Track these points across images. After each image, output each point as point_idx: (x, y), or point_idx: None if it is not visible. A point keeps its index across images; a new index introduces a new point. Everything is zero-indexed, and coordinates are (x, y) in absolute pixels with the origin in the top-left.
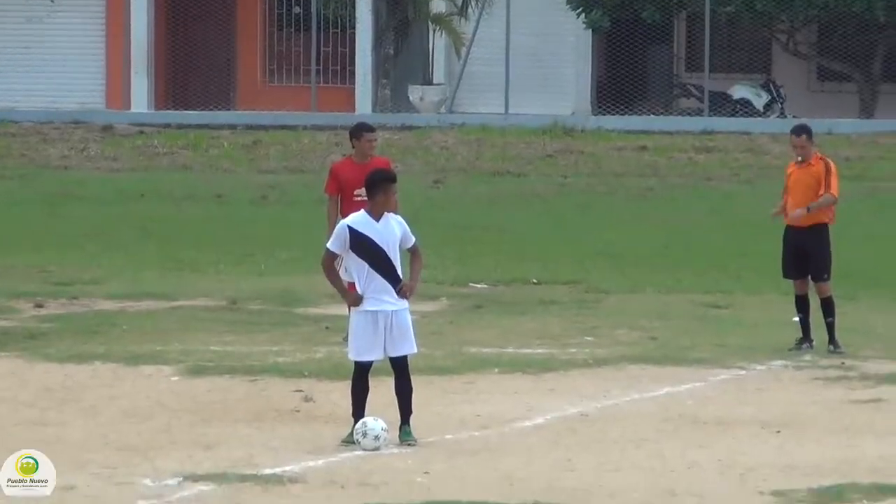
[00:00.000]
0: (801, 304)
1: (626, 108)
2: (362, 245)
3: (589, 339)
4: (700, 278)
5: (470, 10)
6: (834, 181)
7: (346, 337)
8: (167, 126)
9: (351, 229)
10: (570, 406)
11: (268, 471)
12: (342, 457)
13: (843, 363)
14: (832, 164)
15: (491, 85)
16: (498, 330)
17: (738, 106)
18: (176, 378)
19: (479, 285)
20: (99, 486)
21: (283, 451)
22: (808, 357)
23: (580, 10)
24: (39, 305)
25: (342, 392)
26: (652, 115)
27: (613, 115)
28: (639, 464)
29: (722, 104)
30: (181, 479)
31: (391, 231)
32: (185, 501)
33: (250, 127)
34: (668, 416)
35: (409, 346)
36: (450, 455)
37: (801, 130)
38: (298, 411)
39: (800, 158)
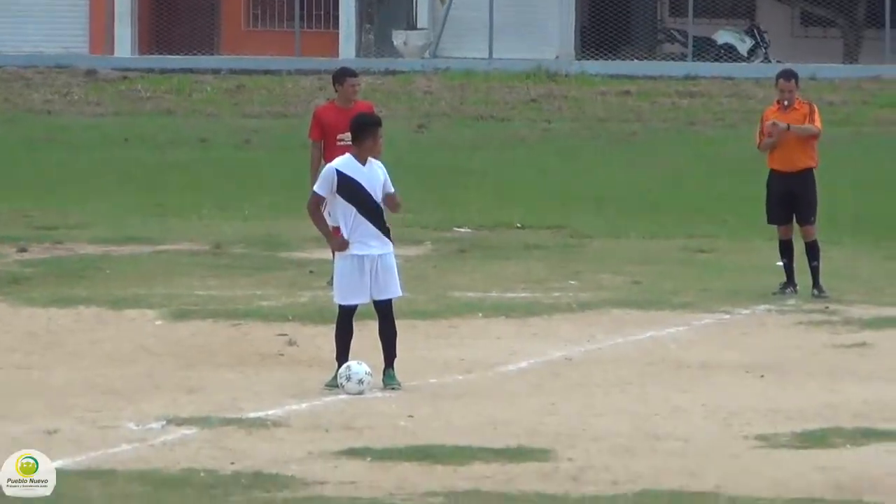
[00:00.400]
0: (786, 249)
1: (610, 52)
2: (350, 189)
3: (573, 283)
4: (684, 223)
5: None
6: (818, 119)
7: (331, 281)
8: (150, 71)
9: (339, 172)
10: (554, 350)
11: (251, 414)
12: (326, 401)
13: (826, 308)
14: (815, 106)
15: (475, 30)
16: (482, 274)
17: (722, 51)
18: (160, 322)
19: (462, 230)
20: (83, 429)
21: (266, 395)
22: (791, 301)
23: None
24: (23, 250)
25: (326, 336)
26: (636, 60)
27: (597, 59)
28: (622, 408)
29: (706, 49)
30: (165, 422)
31: (377, 176)
32: (168, 445)
33: (234, 72)
34: (651, 360)
35: (394, 290)
36: (434, 399)
37: (789, 75)
38: (282, 355)
39: (786, 103)
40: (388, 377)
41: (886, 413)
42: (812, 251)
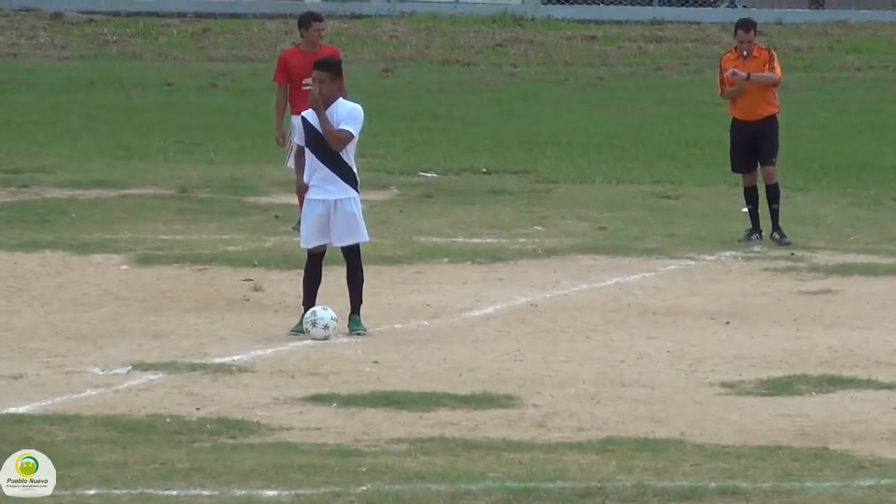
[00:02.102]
0: (751, 196)
1: None
2: (309, 134)
3: (538, 228)
4: (650, 168)
5: None
6: (777, 66)
7: (297, 226)
8: (117, 14)
9: (303, 119)
10: (520, 296)
11: (217, 360)
12: (291, 346)
13: (792, 254)
14: (774, 51)
15: None
16: (447, 219)
17: None
18: (125, 267)
19: (428, 174)
20: (48, 374)
21: (232, 340)
22: (757, 248)
23: None
24: None
25: (292, 282)
26: (602, 5)
27: (563, 4)
28: (588, 354)
29: None
30: (130, 367)
31: (337, 121)
32: (134, 390)
33: (199, 15)
34: (617, 306)
35: (355, 236)
36: (399, 345)
37: (748, 26)
38: (248, 300)
39: (745, 53)
40: (354, 323)
41: (852, 360)
42: (772, 194)
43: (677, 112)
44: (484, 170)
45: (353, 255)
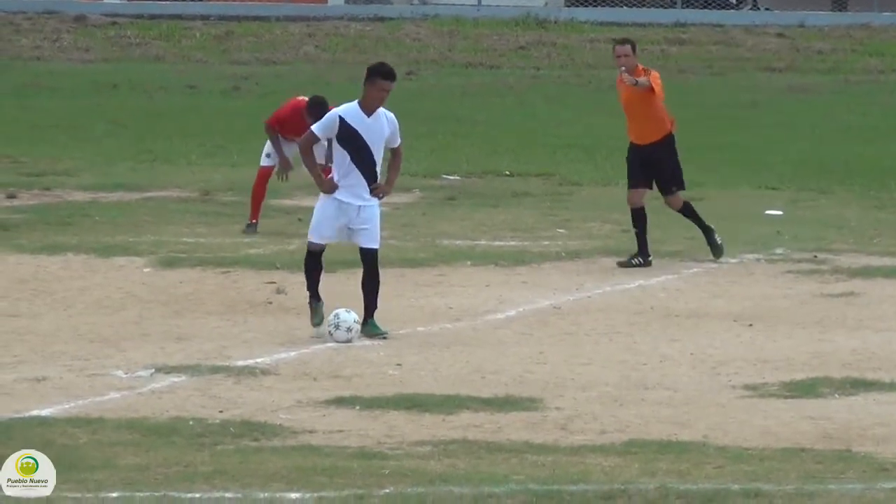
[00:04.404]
0: (636, 218)
1: None
2: (349, 137)
3: (562, 231)
4: None
5: None
6: (657, 86)
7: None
8: (140, 17)
9: (341, 119)
10: (543, 299)
11: (240, 363)
12: (314, 349)
13: (815, 256)
14: (655, 72)
15: None
16: (471, 222)
17: None
18: (148, 270)
19: (451, 177)
20: (71, 377)
21: (255, 342)
22: (780, 250)
23: None
24: (12, 196)
25: None
26: (625, 7)
27: (586, 6)
28: (611, 357)
29: None
30: (153, 370)
31: (380, 129)
32: (157, 393)
33: (223, 18)
34: (640, 309)
35: (375, 242)
36: (422, 347)
37: (624, 41)
38: (271, 303)
39: (623, 68)
40: (371, 326)
41: (874, 362)
42: (686, 213)
43: (700, 115)
44: (507, 172)
45: (370, 261)
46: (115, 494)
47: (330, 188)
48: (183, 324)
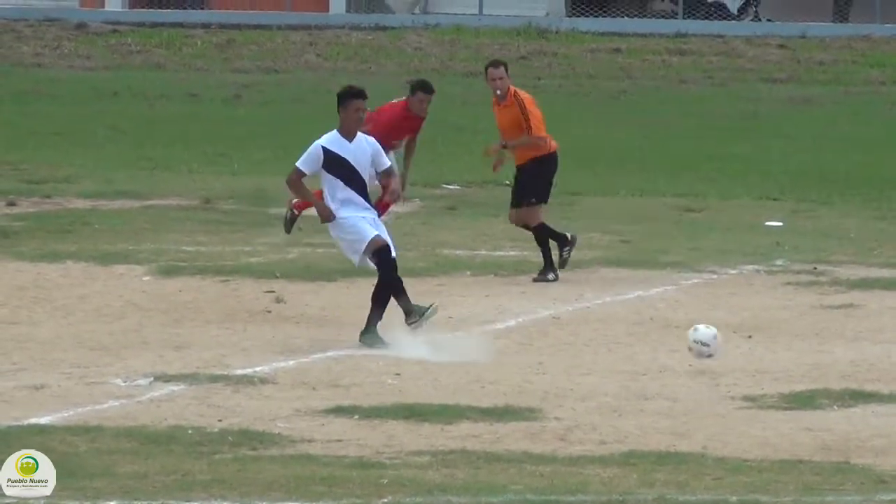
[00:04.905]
0: (539, 235)
1: (600, 9)
2: (336, 164)
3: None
4: (674, 181)
5: None
6: (533, 120)
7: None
8: (141, 25)
9: (325, 149)
10: (542, 309)
11: (239, 371)
12: (313, 358)
13: (815, 268)
14: (526, 99)
15: None
16: (470, 232)
17: (713, 9)
18: (148, 278)
19: (451, 186)
20: (70, 385)
21: (254, 351)
22: (780, 261)
23: None
24: (11, 203)
25: (314, 293)
26: (626, 18)
27: (587, 17)
28: (610, 367)
29: (696, 7)
30: (152, 379)
31: (364, 151)
32: (156, 401)
33: (224, 26)
34: (639, 319)
35: (394, 246)
36: (421, 357)
37: (497, 63)
38: (270, 312)
39: (498, 92)
40: (370, 335)
41: (873, 374)
42: (536, 237)
43: (701, 125)
44: (507, 182)
45: (388, 267)
46: (113, 503)
47: (328, 216)
48: (182, 332)
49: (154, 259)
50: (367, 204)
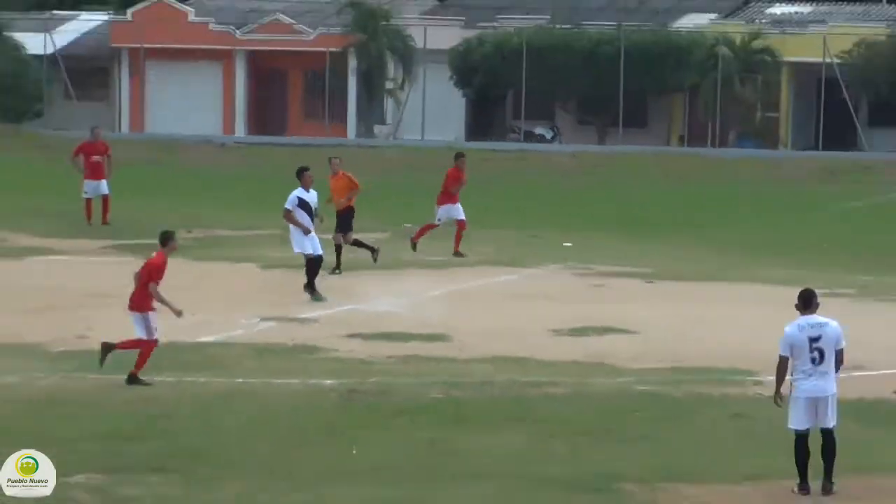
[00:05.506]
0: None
1: (484, 137)
2: (304, 205)
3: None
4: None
5: (405, 86)
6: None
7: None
8: (253, 144)
9: (299, 198)
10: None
11: (301, 316)
12: (340, 309)
13: (589, 268)
14: (351, 175)
15: (415, 122)
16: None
17: (539, 137)
18: (257, 270)
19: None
20: (217, 320)
21: (307, 306)
22: (570, 263)
23: (460, 85)
24: (189, 231)
25: (339, 278)
26: (496, 141)
27: (477, 140)
28: (487, 315)
29: (530, 136)
30: (259, 319)
31: (314, 197)
32: (262, 331)
33: (292, 145)
34: (502, 292)
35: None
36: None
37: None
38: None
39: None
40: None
41: (616, 318)
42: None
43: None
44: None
45: (313, 264)
46: (255, 379)
47: (307, 231)
48: (272, 297)
49: (260, 260)
50: (312, 225)
